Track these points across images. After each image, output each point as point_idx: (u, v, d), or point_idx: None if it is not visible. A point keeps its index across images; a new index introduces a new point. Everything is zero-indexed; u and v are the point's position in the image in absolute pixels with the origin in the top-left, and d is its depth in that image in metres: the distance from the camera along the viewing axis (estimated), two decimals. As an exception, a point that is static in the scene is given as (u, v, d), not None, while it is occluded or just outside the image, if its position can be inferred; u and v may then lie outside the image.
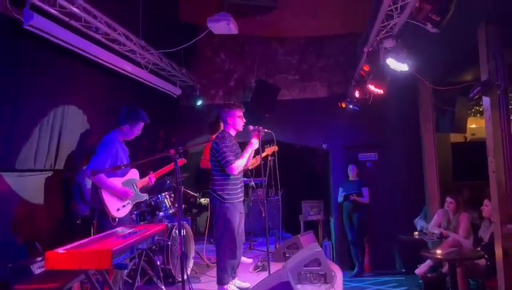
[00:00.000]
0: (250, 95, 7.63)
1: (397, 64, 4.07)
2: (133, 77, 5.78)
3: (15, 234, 4.04)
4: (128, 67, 5.53)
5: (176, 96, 7.38)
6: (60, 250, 2.30)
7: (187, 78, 7.42)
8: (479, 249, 4.96)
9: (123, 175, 3.90)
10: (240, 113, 4.34)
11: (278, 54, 8.03)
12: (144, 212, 4.82)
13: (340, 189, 7.67)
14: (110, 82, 5.61)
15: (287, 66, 8.02)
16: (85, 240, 2.65)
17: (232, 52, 8.14)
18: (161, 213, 4.84)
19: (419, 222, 6.84)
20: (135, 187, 3.99)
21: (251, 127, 4.37)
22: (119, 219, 3.62)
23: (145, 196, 4.14)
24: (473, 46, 4.38)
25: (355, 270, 7.44)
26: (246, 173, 5.98)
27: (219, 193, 4.13)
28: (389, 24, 4.02)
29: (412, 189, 7.33)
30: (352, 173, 7.59)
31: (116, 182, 3.76)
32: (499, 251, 3.96)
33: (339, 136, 7.93)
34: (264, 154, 5.82)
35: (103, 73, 5.30)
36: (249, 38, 7.96)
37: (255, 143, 4.21)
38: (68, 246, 2.39)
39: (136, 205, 4.64)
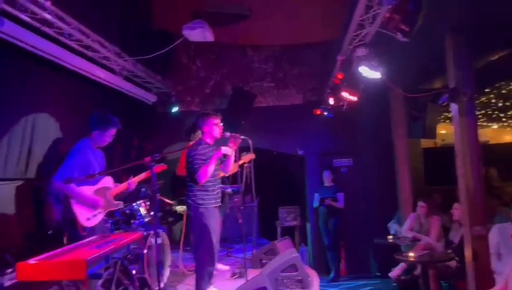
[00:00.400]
0: (226, 102, 7.65)
1: (370, 72, 4.17)
2: (107, 83, 5.72)
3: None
4: (101, 74, 5.47)
5: (151, 103, 7.33)
6: (32, 261, 2.24)
7: (162, 85, 7.37)
8: (450, 251, 5.10)
9: (95, 183, 3.83)
10: (216, 121, 4.35)
11: (253, 62, 8.09)
12: (119, 221, 4.74)
13: (316, 194, 7.75)
14: (84, 89, 5.53)
15: (262, 73, 8.09)
16: (58, 250, 2.59)
17: (208, 59, 8.15)
18: (136, 222, 4.79)
19: (393, 226, 6.97)
20: (108, 195, 3.93)
21: (228, 134, 4.39)
22: (89, 228, 3.55)
23: (119, 204, 4.08)
24: (442, 54, 4.54)
25: (331, 275, 7.51)
26: (224, 180, 5.99)
27: (194, 199, 4.13)
28: (361, 33, 4.11)
29: (386, 193, 7.47)
30: (327, 179, 7.69)
31: (87, 190, 3.69)
32: (468, 253, 4.09)
33: (314, 142, 8.03)
34: (241, 162, 5.85)
35: (77, 80, 5.21)
36: (224, 46, 7.98)
37: (222, 149, 4.21)
38: (40, 257, 2.34)
39: (110, 214, 4.57)
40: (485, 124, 10.49)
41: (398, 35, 3.80)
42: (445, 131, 11.31)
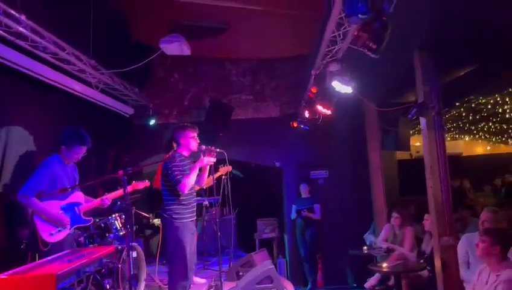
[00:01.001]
0: (204, 114, 7.69)
1: (342, 87, 4.29)
2: (84, 96, 5.71)
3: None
4: (77, 87, 5.47)
5: (128, 116, 7.32)
6: (1, 276, 2.23)
7: (139, 98, 7.38)
8: (422, 261, 5.22)
9: (64, 198, 3.80)
10: (193, 134, 4.37)
11: (231, 75, 8.18)
12: (93, 235, 4.71)
13: (294, 206, 7.83)
14: (59, 102, 5.49)
15: (240, 86, 8.18)
16: (29, 265, 2.57)
17: (186, 72, 8.20)
18: (111, 235, 4.76)
19: (368, 237, 7.09)
20: (77, 211, 3.90)
21: (203, 147, 4.42)
22: (53, 243, 3.51)
23: (88, 221, 4.05)
24: (412, 70, 4.70)
25: (308, 286, 7.56)
26: (199, 192, 5.99)
27: (169, 213, 4.13)
28: (334, 49, 4.24)
29: (362, 205, 7.60)
30: (304, 191, 7.78)
31: (53, 205, 3.66)
32: (437, 263, 4.20)
33: (292, 154, 8.13)
34: (217, 175, 5.88)
35: (52, 93, 5.19)
36: (202, 59, 8.06)
37: (205, 160, 4.24)
38: (10, 272, 2.32)
39: (85, 228, 4.54)
40: (457, 136, 10.81)
41: (368, 52, 3.96)
42: (419, 143, 11.60)
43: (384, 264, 5.06)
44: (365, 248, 6.24)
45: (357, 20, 2.65)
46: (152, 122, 7.64)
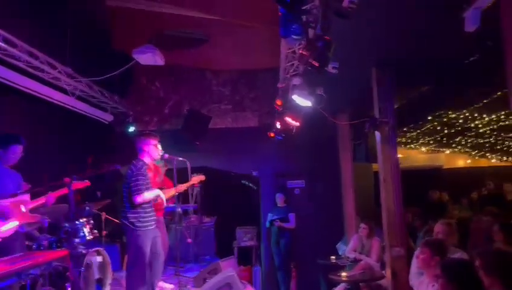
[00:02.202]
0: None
1: (301, 100, 4.44)
2: (60, 104, 5.84)
3: None
4: (52, 94, 5.60)
5: (107, 122, 7.46)
6: None
7: (119, 105, 7.52)
8: (384, 271, 5.33)
9: (6, 197, 3.88)
10: (155, 141, 4.44)
11: (211, 85, 8.35)
12: (61, 239, 4.80)
13: (269, 214, 7.94)
14: (35, 109, 5.61)
15: (220, 96, 8.34)
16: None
17: (167, 81, 8.36)
18: (77, 239, 4.85)
19: (341, 247, 7.18)
20: (23, 208, 3.96)
21: (166, 156, 4.56)
22: (3, 239, 3.56)
23: (35, 217, 4.08)
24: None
25: (281, 294, 7.65)
26: (174, 199, 6.11)
27: (131, 220, 4.18)
28: (294, 63, 4.40)
29: (334, 215, 7.72)
30: (279, 200, 7.90)
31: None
32: (388, 272, 4.33)
33: (269, 164, 8.27)
34: (189, 183, 5.98)
35: (26, 100, 5.31)
36: (184, 69, 8.23)
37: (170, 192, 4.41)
38: None
39: (52, 232, 4.64)
40: (437, 149, 10.98)
41: (329, 67, 4.12)
42: (401, 155, 11.75)
43: (344, 273, 5.17)
44: (333, 257, 6.34)
45: (293, 41, 2.80)
46: (131, 129, 7.77)
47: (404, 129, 9.37)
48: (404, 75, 4.73)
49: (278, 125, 6.33)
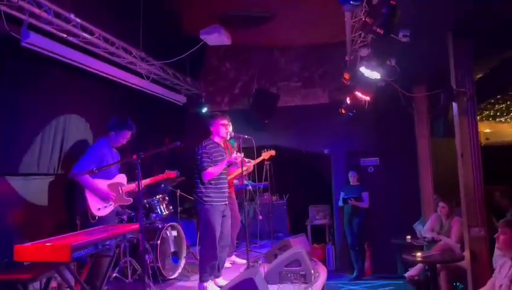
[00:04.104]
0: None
1: (369, 72, 4.23)
2: (136, 87, 6.16)
3: (19, 233, 4.40)
4: (129, 78, 5.91)
5: (181, 104, 7.74)
6: (27, 244, 2.62)
7: (192, 87, 7.76)
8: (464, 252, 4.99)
9: (110, 178, 4.24)
10: (223, 121, 4.62)
11: (279, 62, 8.27)
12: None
13: (342, 193, 7.80)
14: (112, 92, 5.97)
15: (289, 73, 8.24)
16: (58, 236, 2.96)
17: (237, 61, 8.43)
18: (154, 215, 5.16)
19: (418, 227, 6.87)
20: (120, 190, 4.32)
21: (233, 134, 4.66)
22: (99, 217, 3.94)
23: (129, 201, 4.45)
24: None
25: (354, 274, 7.53)
26: (245, 176, 6.23)
27: (200, 195, 4.40)
28: (360, 34, 4.18)
29: (411, 193, 7.37)
30: (352, 178, 7.71)
31: (101, 183, 4.10)
32: (467, 254, 4.03)
33: (341, 141, 8.06)
34: (260, 159, 6.07)
35: (104, 83, 5.65)
36: (252, 48, 8.23)
37: (233, 156, 4.49)
38: (36, 241, 2.71)
39: (133, 207, 5.00)
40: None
41: (400, 36, 3.87)
42: (489, 130, 10.79)
43: (419, 254, 4.93)
44: (408, 237, 6.07)
45: (350, 8, 2.65)
46: (204, 110, 8.00)
47: (492, 101, 8.56)
48: (484, 41, 4.28)
49: (348, 100, 6.12)
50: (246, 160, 4.69)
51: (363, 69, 4.22)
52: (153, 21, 6.56)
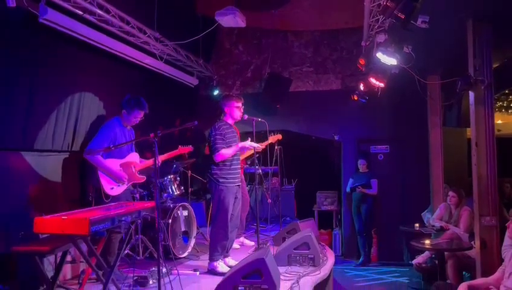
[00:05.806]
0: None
1: (386, 58, 4.20)
2: (149, 67, 6.18)
3: (33, 207, 4.47)
4: (143, 58, 5.92)
5: (193, 86, 7.76)
6: (47, 217, 2.68)
7: (204, 69, 7.76)
8: (472, 242, 5.01)
9: (122, 157, 4.28)
10: (237, 104, 4.62)
11: (293, 47, 8.21)
12: (152, 193, 5.21)
13: (351, 180, 7.82)
14: (126, 71, 5.98)
15: (301, 58, 8.19)
16: (76, 211, 3.02)
17: (250, 44, 8.39)
18: (165, 194, 5.23)
19: (426, 215, 6.88)
20: (133, 169, 4.36)
21: (246, 117, 4.67)
22: (113, 196, 4.00)
23: (143, 178, 4.50)
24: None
25: (360, 259, 7.59)
26: (253, 161, 6.25)
27: (214, 176, 4.44)
28: (378, 19, 4.14)
29: (421, 182, 7.37)
30: (361, 166, 7.72)
31: (113, 163, 4.14)
32: (477, 243, 4.05)
33: (352, 128, 8.04)
34: (267, 143, 6.08)
35: (119, 63, 5.67)
36: (265, 31, 8.18)
37: (247, 143, 4.54)
38: (55, 215, 2.77)
39: (146, 186, 5.07)
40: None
41: (419, 22, 3.83)
42: (501, 121, 10.68)
43: (427, 241, 4.95)
44: (417, 225, 6.09)
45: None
46: (216, 92, 8.02)
47: (506, 92, 8.47)
48: (504, 29, 4.22)
49: (362, 87, 6.09)
50: (256, 145, 4.68)
51: (379, 55, 4.19)
52: (168, 1, 6.53)
